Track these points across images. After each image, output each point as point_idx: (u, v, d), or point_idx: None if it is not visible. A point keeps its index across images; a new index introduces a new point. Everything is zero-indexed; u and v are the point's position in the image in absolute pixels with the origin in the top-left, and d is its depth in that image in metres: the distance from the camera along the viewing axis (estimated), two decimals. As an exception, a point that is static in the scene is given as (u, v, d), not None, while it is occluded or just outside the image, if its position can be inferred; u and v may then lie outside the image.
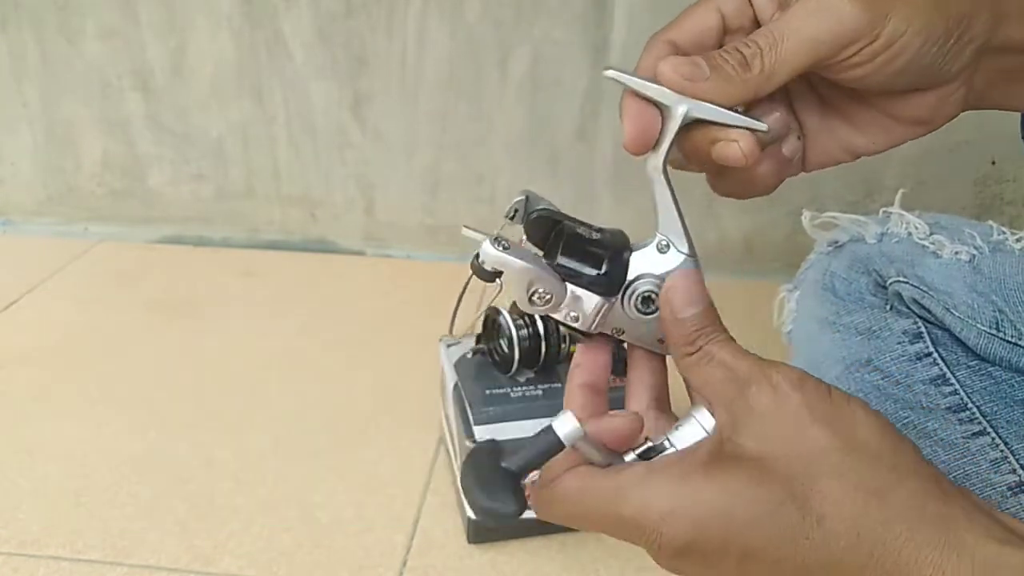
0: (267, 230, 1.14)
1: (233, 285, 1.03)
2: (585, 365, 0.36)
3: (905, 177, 1.04)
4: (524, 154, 1.06)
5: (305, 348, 0.88)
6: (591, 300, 0.33)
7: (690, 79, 0.32)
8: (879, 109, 0.38)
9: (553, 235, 0.35)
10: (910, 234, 0.59)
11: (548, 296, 0.32)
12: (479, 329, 0.64)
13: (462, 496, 0.62)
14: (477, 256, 0.32)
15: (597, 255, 0.33)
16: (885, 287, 0.58)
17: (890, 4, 0.32)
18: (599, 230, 0.34)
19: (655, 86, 0.31)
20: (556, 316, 0.33)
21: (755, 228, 1.08)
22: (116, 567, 0.58)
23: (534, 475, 0.58)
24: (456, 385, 0.61)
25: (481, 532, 0.60)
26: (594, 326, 0.34)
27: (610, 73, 0.31)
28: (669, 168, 0.33)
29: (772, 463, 0.29)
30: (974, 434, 0.51)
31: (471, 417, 0.58)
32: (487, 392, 0.59)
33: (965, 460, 0.51)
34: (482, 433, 0.57)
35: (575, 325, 0.33)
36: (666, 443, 0.32)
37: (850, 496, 0.28)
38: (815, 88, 0.38)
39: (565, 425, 0.30)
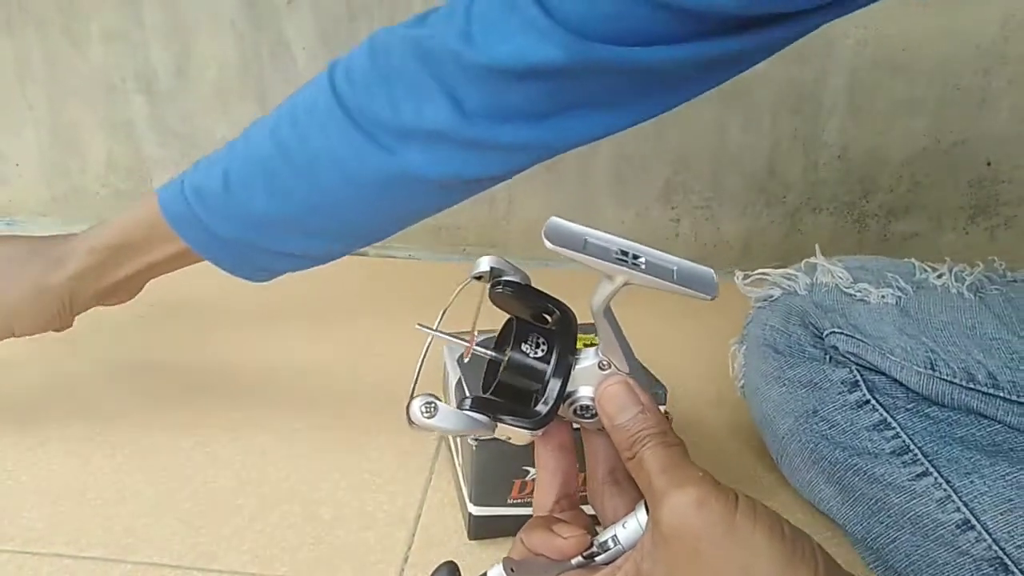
0: (269, 231, 1.15)
1: (235, 285, 1.04)
2: (550, 434, 0.38)
3: (900, 178, 1.05)
4: (524, 156, 1.06)
5: (307, 347, 0.89)
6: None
7: None
8: None
9: (509, 325, 0.38)
10: (836, 284, 0.61)
11: (480, 435, 0.36)
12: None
13: (464, 492, 0.62)
14: (409, 404, 0.35)
15: (531, 393, 0.36)
16: (822, 338, 0.59)
17: None
18: (547, 336, 0.36)
19: (593, 259, 0.33)
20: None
21: (752, 229, 1.08)
22: (119, 564, 0.59)
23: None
24: (459, 382, 0.62)
25: (482, 529, 0.61)
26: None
27: (550, 246, 0.34)
28: (612, 308, 0.35)
29: None
30: (918, 475, 0.53)
31: (472, 415, 0.59)
32: (488, 390, 0.60)
33: (914, 502, 0.53)
34: (482, 429, 0.58)
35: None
36: (610, 542, 0.35)
37: None
38: None
39: None
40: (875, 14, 0.97)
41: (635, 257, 0.34)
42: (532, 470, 0.59)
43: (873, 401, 0.56)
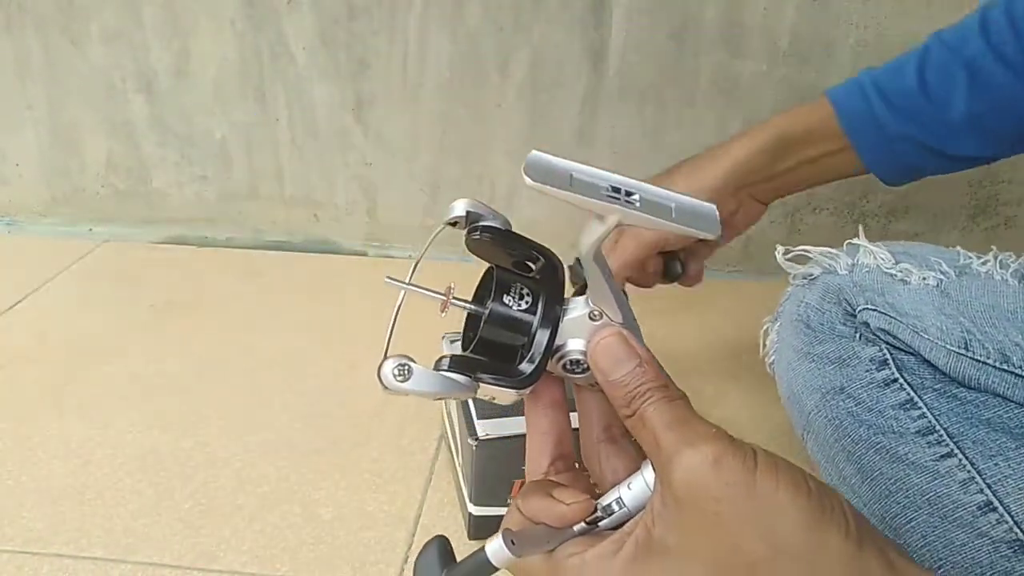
0: (270, 231, 1.15)
1: (236, 285, 1.04)
2: (539, 391, 0.35)
3: (902, 179, 1.05)
4: (524, 156, 1.06)
5: (307, 347, 0.89)
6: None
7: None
8: None
9: (489, 276, 0.34)
10: (878, 265, 0.61)
11: (460, 397, 0.32)
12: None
13: (464, 492, 0.62)
14: (380, 367, 0.31)
15: (515, 349, 0.33)
16: (854, 316, 0.59)
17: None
18: (532, 285, 0.33)
19: (580, 197, 0.29)
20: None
21: (753, 229, 1.08)
22: (120, 564, 0.59)
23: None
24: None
25: (482, 529, 0.61)
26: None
27: (531, 184, 0.30)
28: (602, 251, 0.32)
29: (691, 563, 0.28)
30: (942, 456, 0.52)
31: (474, 412, 0.59)
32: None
33: (936, 482, 0.52)
34: (484, 428, 0.58)
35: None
36: (614, 505, 0.32)
37: None
38: None
39: (497, 551, 0.31)
40: (876, 14, 0.98)
41: (628, 193, 0.30)
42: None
43: (901, 380, 0.55)
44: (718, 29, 0.97)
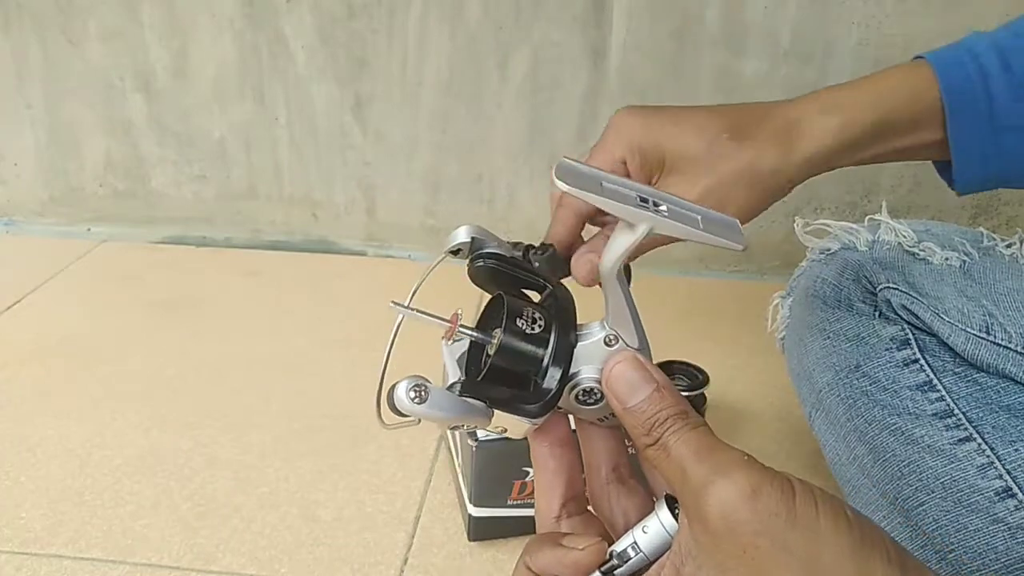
0: (269, 230, 1.15)
1: (235, 285, 1.04)
2: (546, 429, 0.34)
3: (902, 178, 1.05)
4: (524, 155, 1.06)
5: (306, 347, 0.89)
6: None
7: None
8: None
9: (494, 305, 0.33)
10: (899, 242, 0.59)
11: (472, 426, 0.30)
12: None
13: (463, 493, 0.62)
14: (393, 389, 0.29)
15: (527, 378, 0.31)
16: (874, 293, 0.58)
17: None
18: (542, 312, 0.31)
19: (612, 203, 0.28)
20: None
21: (753, 229, 1.08)
22: (118, 565, 0.59)
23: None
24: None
25: (482, 530, 0.61)
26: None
27: (564, 187, 0.28)
28: (623, 271, 0.31)
29: None
30: (960, 440, 0.52)
31: (472, 415, 0.59)
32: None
33: (952, 466, 0.52)
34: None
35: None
36: (630, 551, 0.30)
37: None
38: None
39: None
40: (877, 13, 0.97)
41: (656, 204, 0.29)
42: (532, 470, 0.59)
43: (922, 360, 0.54)
44: (719, 28, 0.97)
